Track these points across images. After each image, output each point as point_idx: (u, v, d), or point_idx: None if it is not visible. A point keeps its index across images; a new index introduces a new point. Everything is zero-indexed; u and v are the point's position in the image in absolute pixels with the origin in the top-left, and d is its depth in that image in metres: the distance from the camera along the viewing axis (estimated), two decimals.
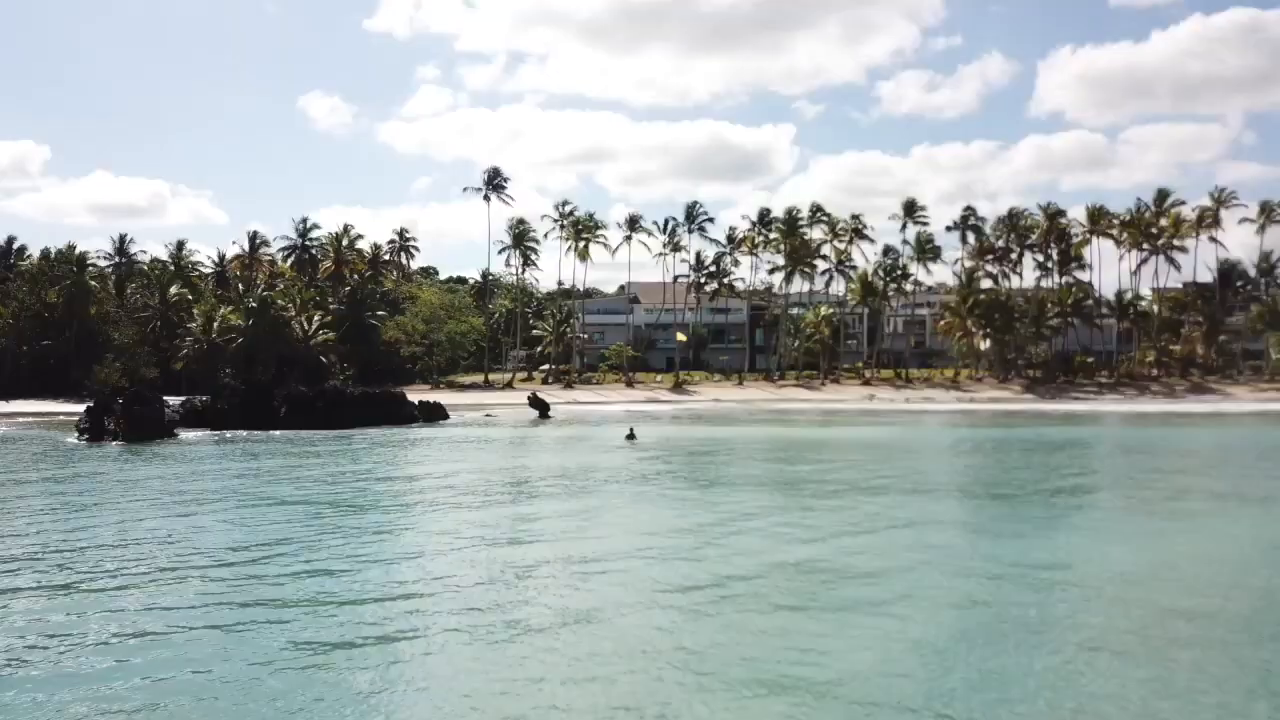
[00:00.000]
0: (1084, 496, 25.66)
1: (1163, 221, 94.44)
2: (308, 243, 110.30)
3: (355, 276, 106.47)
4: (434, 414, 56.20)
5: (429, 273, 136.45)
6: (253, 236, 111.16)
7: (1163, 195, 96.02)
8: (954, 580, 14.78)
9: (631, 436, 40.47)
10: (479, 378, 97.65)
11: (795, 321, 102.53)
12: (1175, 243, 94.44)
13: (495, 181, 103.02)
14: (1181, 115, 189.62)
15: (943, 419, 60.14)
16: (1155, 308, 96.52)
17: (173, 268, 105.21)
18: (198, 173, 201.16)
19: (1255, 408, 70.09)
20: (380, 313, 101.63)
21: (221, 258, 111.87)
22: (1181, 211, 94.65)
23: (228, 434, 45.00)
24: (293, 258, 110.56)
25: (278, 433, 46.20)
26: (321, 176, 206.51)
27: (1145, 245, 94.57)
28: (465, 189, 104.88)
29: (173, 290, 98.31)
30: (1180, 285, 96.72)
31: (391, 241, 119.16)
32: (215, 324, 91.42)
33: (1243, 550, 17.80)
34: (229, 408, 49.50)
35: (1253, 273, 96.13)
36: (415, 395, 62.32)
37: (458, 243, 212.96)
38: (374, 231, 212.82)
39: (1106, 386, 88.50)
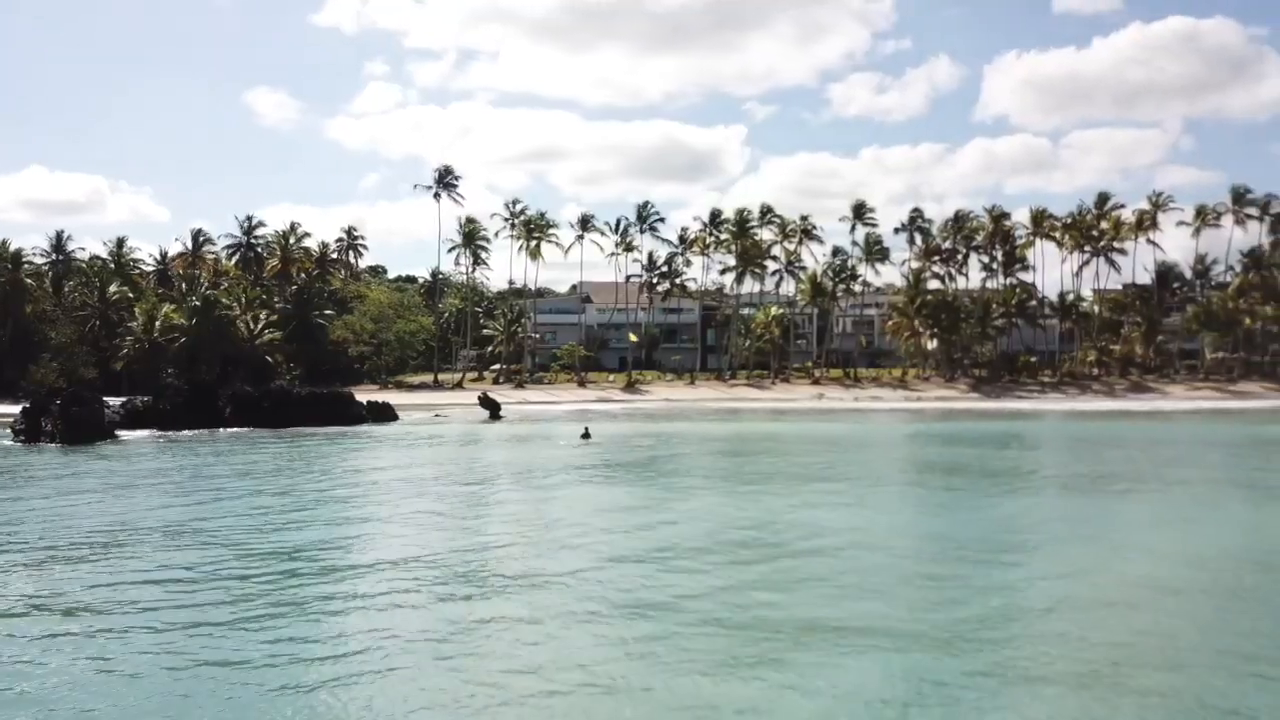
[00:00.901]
0: (1014, 481, 26.80)
1: (1103, 224, 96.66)
2: (253, 241, 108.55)
3: (302, 275, 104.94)
4: (382, 414, 55.52)
5: (378, 271, 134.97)
6: (196, 234, 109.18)
7: (1103, 199, 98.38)
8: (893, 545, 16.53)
9: (586, 435, 40.32)
10: (428, 378, 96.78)
11: (746, 321, 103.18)
12: (1115, 245, 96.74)
13: (446, 179, 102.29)
14: (1122, 120, 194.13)
15: (890, 417, 61.03)
16: (1096, 308, 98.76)
17: (112, 265, 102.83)
18: (138, 169, 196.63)
19: (1190, 405, 72.11)
20: (328, 312, 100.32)
21: (163, 255, 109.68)
22: (1121, 215, 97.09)
23: (171, 435, 44.04)
24: (238, 256, 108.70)
25: (222, 433, 45.42)
26: (267, 173, 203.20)
27: (1087, 247, 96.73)
28: (415, 187, 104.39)
29: (112, 288, 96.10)
30: (1120, 286, 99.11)
31: (339, 240, 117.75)
32: (157, 323, 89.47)
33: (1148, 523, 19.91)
34: (172, 408, 48.39)
35: (1189, 274, 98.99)
36: (363, 395, 61.53)
37: (407, 241, 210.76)
38: (321, 229, 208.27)
39: (1049, 385, 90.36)
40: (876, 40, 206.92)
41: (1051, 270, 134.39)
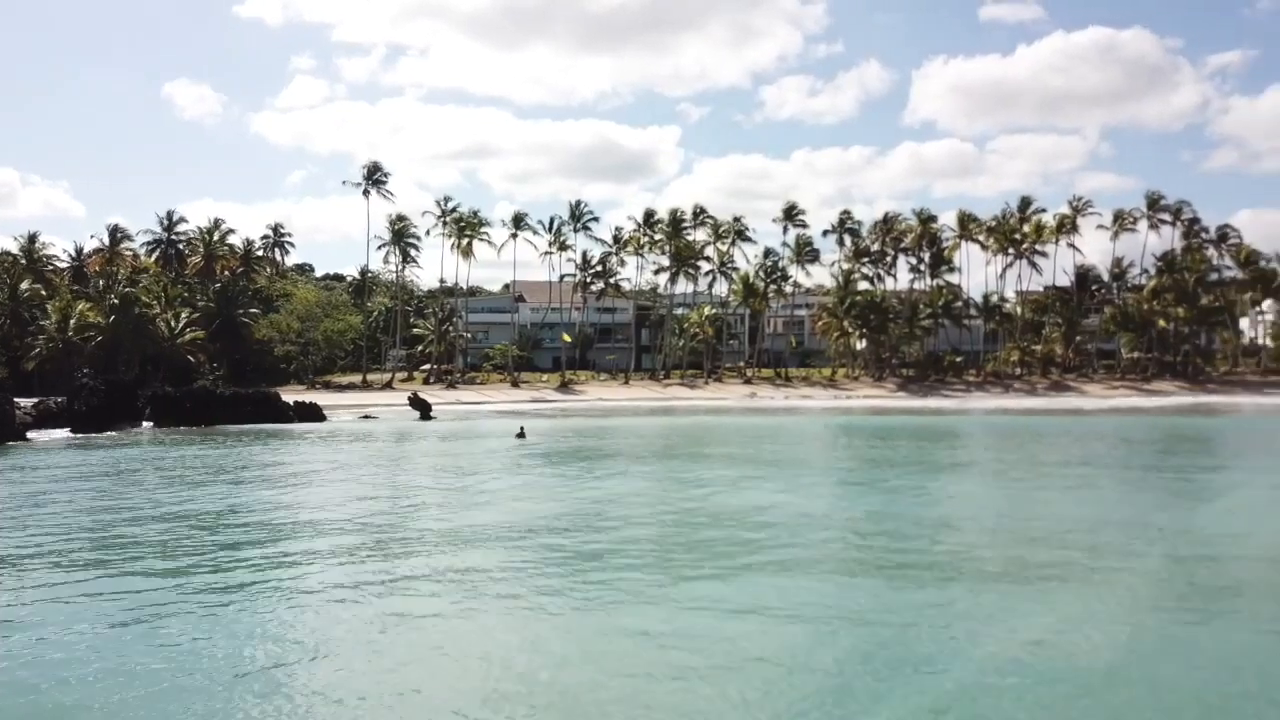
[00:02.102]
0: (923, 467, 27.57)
1: (1026, 228, 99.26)
2: (174, 237, 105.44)
3: (226, 273, 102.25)
4: (309, 414, 54.32)
5: (304, 270, 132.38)
6: (113, 230, 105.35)
7: (1026, 203, 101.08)
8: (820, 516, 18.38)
9: (521, 435, 39.96)
10: (357, 378, 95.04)
11: (680, 321, 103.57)
12: (1037, 248, 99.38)
13: (375, 176, 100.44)
14: (1044, 127, 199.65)
15: (819, 414, 61.86)
16: (1019, 310, 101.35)
17: (24, 262, 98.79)
18: (52, 162, 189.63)
19: (1108, 404, 74.41)
20: (253, 310, 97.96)
21: (79, 252, 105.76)
22: (1043, 219, 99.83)
23: (87, 436, 42.43)
24: (158, 253, 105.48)
25: (142, 434, 43.96)
26: (189, 168, 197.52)
27: (1010, 250, 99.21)
28: (344, 183, 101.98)
29: (24, 285, 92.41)
30: (1041, 289, 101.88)
31: (265, 237, 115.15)
32: (72, 321, 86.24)
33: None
34: (88, 409, 46.66)
35: (1106, 277, 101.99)
36: (290, 395, 60.17)
37: (335, 239, 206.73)
38: (246, 226, 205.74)
39: (974, 385, 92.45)
40: (809, 43, 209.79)
41: (977, 272, 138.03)
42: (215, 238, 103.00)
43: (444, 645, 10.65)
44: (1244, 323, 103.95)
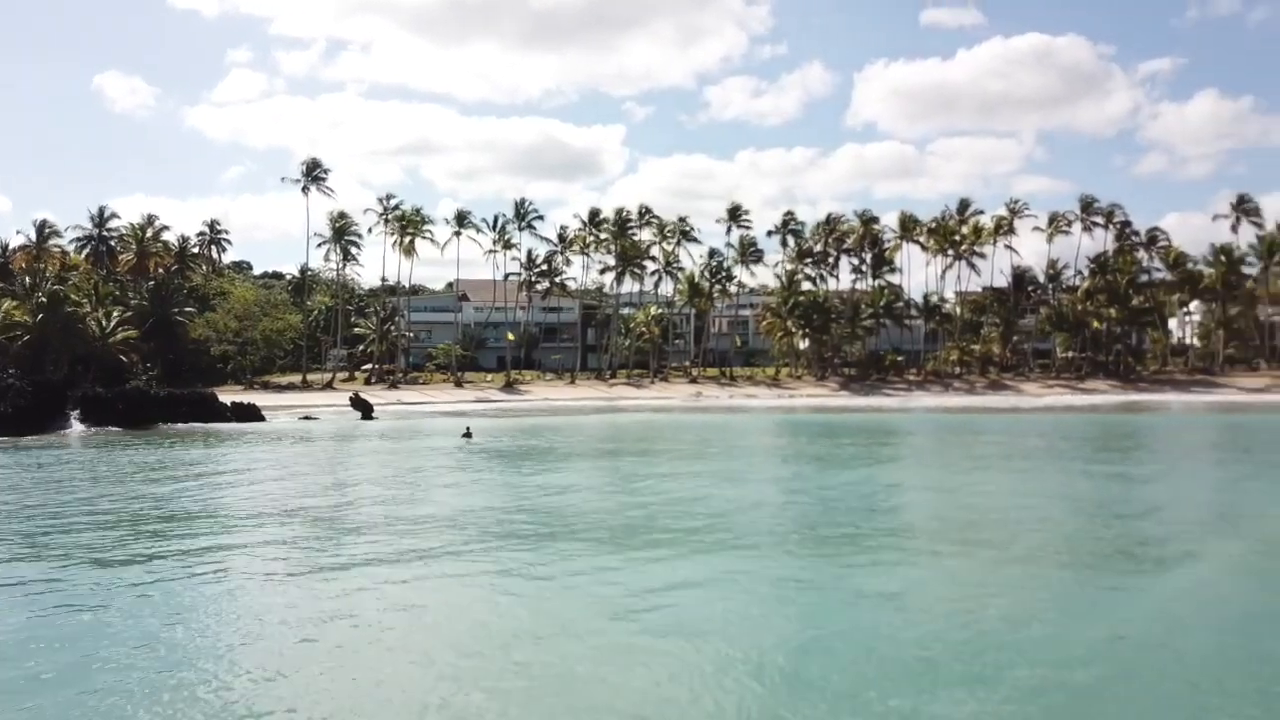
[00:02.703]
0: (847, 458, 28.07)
1: (965, 230, 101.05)
2: (105, 233, 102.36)
3: (160, 270, 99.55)
4: (248, 415, 53.18)
5: (242, 267, 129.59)
6: (41, 225, 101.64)
7: (964, 205, 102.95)
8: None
9: (468, 435, 39.53)
10: (297, 378, 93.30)
11: (626, 321, 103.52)
12: (976, 249, 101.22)
13: (315, 173, 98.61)
14: (983, 130, 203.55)
15: (763, 413, 62.30)
16: (958, 310, 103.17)
17: None
18: None
19: (1043, 401, 76.11)
20: (188, 309, 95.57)
21: (4, 248, 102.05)
22: (981, 220, 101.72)
23: (11, 439, 40.95)
24: (88, 249, 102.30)
25: (72, 436, 42.61)
26: (121, 162, 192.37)
27: (949, 251, 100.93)
28: (283, 180, 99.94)
29: None
30: (980, 289, 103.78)
31: (201, 234, 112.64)
32: None
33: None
34: (14, 410, 45.06)
35: (1042, 278, 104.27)
36: (227, 396, 58.83)
37: (274, 236, 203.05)
38: (181, 223, 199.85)
39: (915, 384, 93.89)
40: (754, 45, 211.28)
41: (917, 273, 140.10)
42: (149, 234, 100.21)
43: (385, 629, 10.83)
44: (1172, 323, 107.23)
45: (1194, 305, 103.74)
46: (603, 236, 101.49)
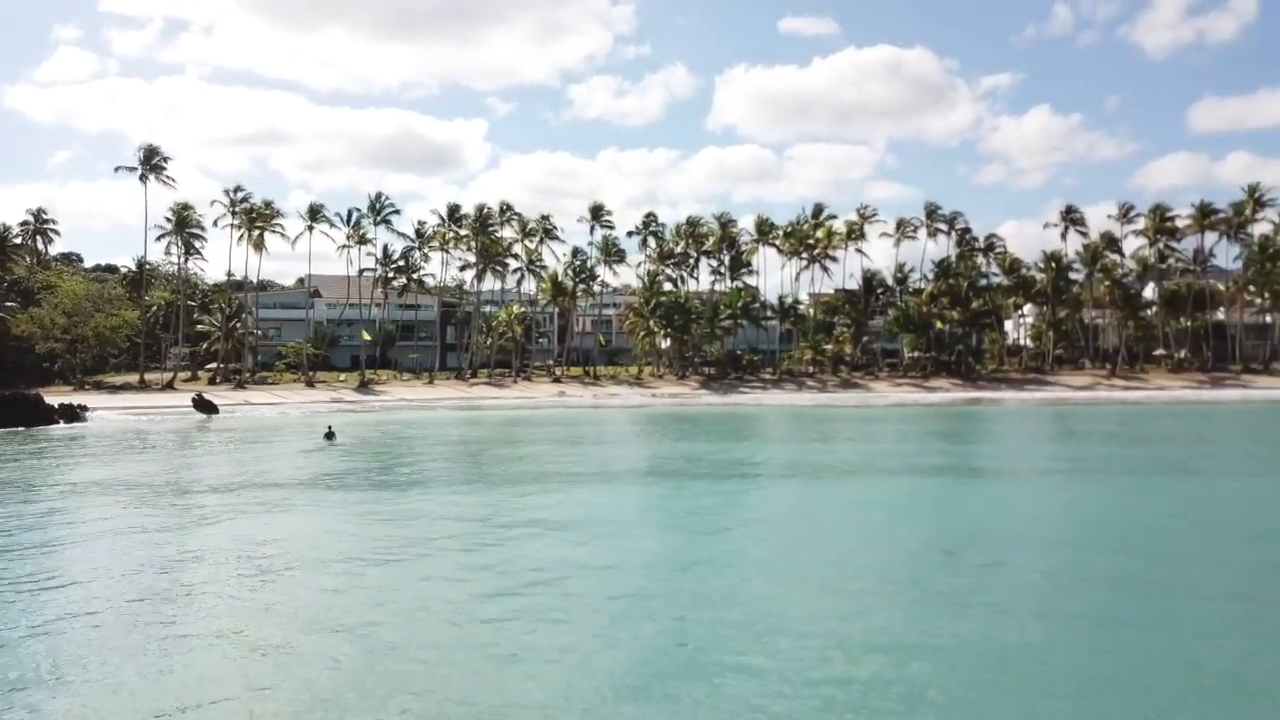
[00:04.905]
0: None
1: (818, 234, 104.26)
2: None
3: None
4: (77, 417, 49.71)
5: (71, 259, 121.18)
6: None
7: (818, 210, 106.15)
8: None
9: (330, 436, 37.87)
10: (134, 377, 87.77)
11: (488, 320, 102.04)
12: (829, 253, 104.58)
13: (154, 160, 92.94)
14: (837, 136, 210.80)
15: (626, 411, 62.57)
16: (811, 311, 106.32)
17: None
18: None
19: (893, 399, 79.29)
20: (9, 304, 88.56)
21: None
22: (834, 225, 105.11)
23: None
24: None
25: None
26: None
27: (804, 254, 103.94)
28: (118, 168, 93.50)
29: None
30: (832, 291, 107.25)
31: (25, 223, 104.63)
32: None
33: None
34: None
35: (890, 281, 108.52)
36: (55, 397, 54.84)
37: (108, 227, 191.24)
38: (1, 210, 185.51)
39: (771, 382, 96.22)
40: (618, 44, 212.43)
41: (773, 274, 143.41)
42: None
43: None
44: (1009, 325, 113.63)
45: (1028, 308, 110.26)
46: (463, 233, 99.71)
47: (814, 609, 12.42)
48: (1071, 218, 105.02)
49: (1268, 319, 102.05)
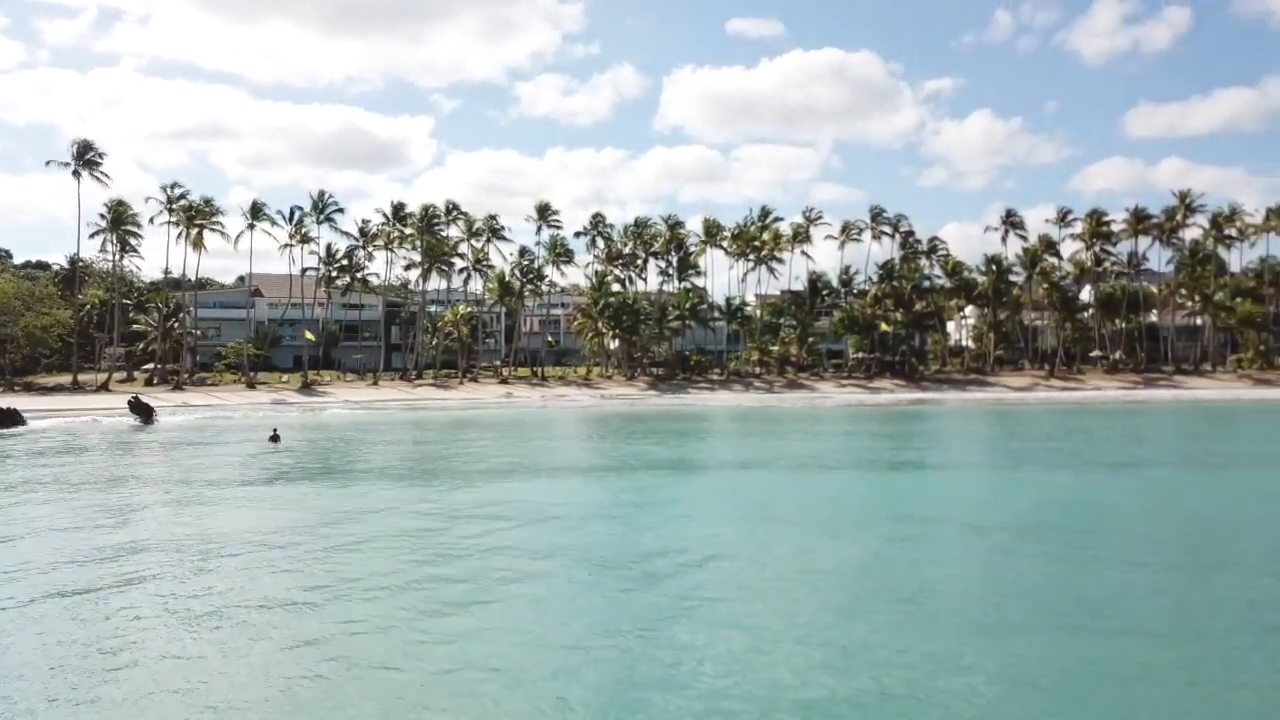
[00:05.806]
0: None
1: (765, 236, 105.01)
2: None
3: None
4: (6, 420, 48.10)
5: (0, 257, 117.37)
6: None
7: (765, 212, 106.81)
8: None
9: (275, 438, 37.05)
10: (66, 378, 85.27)
11: (433, 320, 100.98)
12: (775, 254, 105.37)
13: (87, 155, 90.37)
14: (783, 138, 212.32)
15: (575, 412, 62.40)
16: (758, 312, 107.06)
17: None
18: None
19: (839, 399, 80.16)
20: None
21: None
22: (780, 227, 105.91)
23: None
24: None
25: None
26: None
27: (750, 256, 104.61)
28: (49, 163, 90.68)
29: None
30: (779, 292, 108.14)
31: None
32: None
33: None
34: None
35: (836, 283, 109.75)
36: None
37: (38, 222, 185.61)
38: None
39: (718, 383, 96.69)
40: (566, 42, 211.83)
41: (720, 275, 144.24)
42: None
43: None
44: (951, 326, 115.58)
45: (969, 310, 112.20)
46: (408, 232, 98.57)
47: (765, 589, 12.95)
48: (1011, 221, 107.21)
49: (1198, 321, 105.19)
